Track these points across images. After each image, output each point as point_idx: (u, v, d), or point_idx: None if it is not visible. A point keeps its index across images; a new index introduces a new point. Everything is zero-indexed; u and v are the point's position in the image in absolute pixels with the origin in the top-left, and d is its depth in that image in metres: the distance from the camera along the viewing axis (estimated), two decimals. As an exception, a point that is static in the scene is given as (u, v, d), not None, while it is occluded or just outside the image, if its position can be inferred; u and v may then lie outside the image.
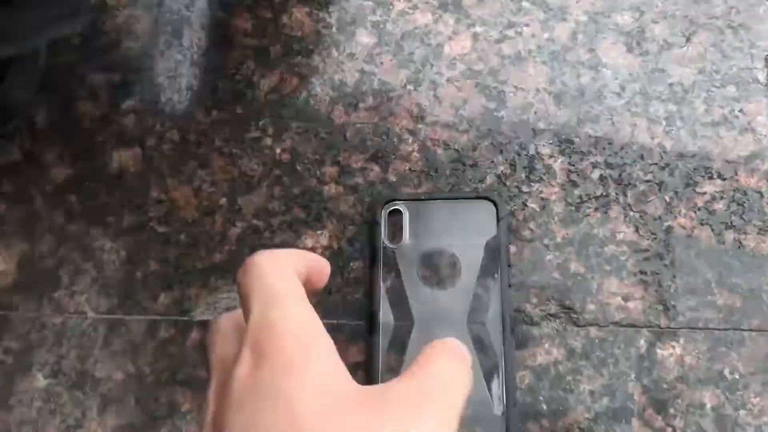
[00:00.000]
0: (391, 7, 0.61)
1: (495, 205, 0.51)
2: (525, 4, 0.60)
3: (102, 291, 0.54)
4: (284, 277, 0.26)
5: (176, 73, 0.60)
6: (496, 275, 0.49)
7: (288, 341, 0.24)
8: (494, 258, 0.49)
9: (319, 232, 0.54)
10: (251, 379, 0.23)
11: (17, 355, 0.53)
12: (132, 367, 0.52)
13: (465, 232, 0.50)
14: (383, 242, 0.51)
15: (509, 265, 0.50)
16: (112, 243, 0.56)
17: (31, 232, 0.57)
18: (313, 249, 0.53)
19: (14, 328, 0.54)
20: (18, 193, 0.58)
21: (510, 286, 0.49)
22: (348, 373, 0.24)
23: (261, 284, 0.25)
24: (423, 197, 0.52)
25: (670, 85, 0.56)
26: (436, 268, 0.50)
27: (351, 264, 0.53)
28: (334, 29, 0.60)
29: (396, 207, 0.52)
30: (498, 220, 0.51)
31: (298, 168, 0.56)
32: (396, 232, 0.51)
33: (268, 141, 0.57)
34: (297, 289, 0.26)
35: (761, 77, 0.55)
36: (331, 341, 0.25)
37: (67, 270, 0.55)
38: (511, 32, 0.59)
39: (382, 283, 0.50)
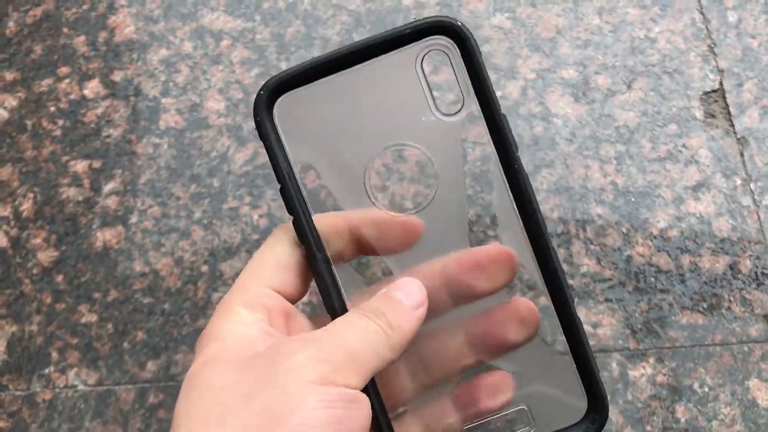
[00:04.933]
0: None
1: (455, 34, 0.29)
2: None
3: (91, 364, 0.56)
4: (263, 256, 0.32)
5: (155, 155, 0.64)
6: (487, 138, 0.30)
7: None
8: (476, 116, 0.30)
9: (298, 290, 0.56)
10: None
11: (9, 434, 0.54)
12: (123, 435, 0.53)
13: (416, 104, 0.30)
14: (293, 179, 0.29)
15: (502, 113, 0.30)
16: (99, 317, 0.57)
17: (19, 313, 0.58)
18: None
19: (4, 406, 0.55)
20: (6, 278, 0.60)
21: (513, 140, 0.29)
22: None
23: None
24: (320, 67, 0.29)
25: (617, 127, 0.60)
26: (399, 186, 0.35)
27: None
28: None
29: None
30: (469, 56, 0.30)
31: (275, 231, 0.59)
32: None
33: (246, 209, 0.60)
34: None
35: (698, 114, 0.60)
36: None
37: (56, 347, 0.57)
38: (465, 93, 0.63)
39: (319, 260, 0.29)
